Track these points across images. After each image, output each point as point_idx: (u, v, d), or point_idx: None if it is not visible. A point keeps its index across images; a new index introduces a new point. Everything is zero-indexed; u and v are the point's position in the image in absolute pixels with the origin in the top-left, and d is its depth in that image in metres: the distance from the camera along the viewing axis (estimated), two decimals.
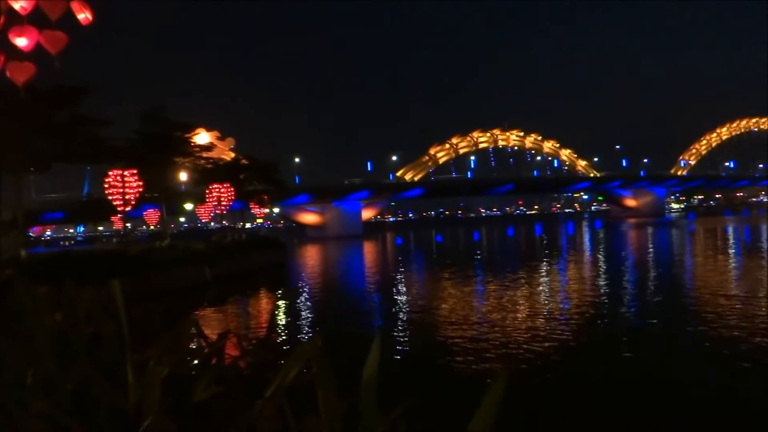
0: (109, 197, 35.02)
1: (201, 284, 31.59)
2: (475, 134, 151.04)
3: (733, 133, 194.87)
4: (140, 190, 35.72)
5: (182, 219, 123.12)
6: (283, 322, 20.26)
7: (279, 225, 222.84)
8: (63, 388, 1.97)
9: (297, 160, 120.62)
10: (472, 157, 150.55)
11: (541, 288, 25.90)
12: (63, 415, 1.76)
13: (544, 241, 66.80)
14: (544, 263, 38.00)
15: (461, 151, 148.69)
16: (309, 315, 22.11)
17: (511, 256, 47.21)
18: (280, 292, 29.72)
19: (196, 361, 2.60)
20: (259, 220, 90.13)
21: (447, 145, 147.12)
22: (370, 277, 36.59)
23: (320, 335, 3.05)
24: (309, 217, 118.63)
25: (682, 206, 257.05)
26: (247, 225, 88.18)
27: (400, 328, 18.17)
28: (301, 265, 49.56)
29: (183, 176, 56.49)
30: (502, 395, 1.30)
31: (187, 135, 47.48)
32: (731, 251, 41.86)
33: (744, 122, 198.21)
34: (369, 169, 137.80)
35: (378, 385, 1.79)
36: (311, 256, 60.98)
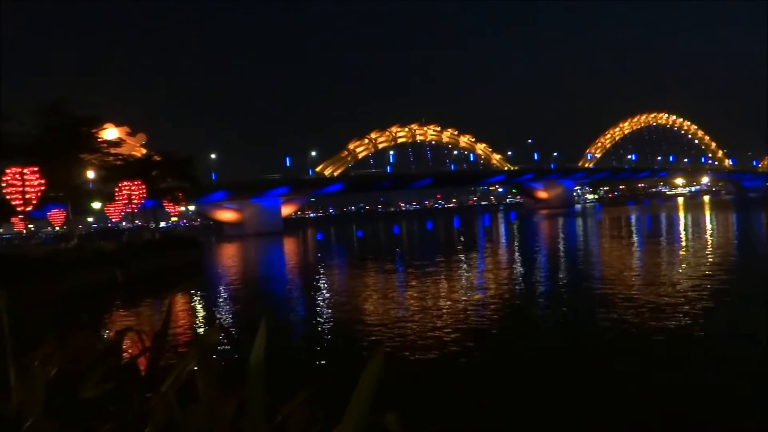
0: (8, 197, 32.84)
1: (112, 286, 30.29)
2: (394, 129, 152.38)
3: (635, 128, 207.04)
4: (42, 188, 33.66)
5: (90, 219, 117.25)
6: (192, 319, 19.95)
7: (195, 223, 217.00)
8: None
9: (213, 156, 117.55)
10: (391, 152, 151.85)
11: (458, 278, 26.54)
12: None
13: (463, 234, 68.45)
14: (463, 255, 38.99)
15: (380, 146, 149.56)
16: (223, 312, 21.75)
17: (431, 250, 48.04)
18: (193, 291, 28.93)
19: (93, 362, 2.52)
20: (174, 219, 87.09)
21: (366, 140, 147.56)
22: (287, 274, 36.33)
23: (217, 329, 3.04)
24: (227, 215, 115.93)
25: (596, 197, 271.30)
26: (162, 224, 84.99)
27: (314, 322, 18.22)
28: (218, 263, 48.47)
29: (90, 174, 53.80)
30: (380, 373, 1.36)
31: (93, 130, 45.16)
32: (633, 238, 45.14)
33: (644, 117, 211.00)
34: (288, 164, 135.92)
35: (283, 374, 1.80)
36: (229, 255, 59.70)
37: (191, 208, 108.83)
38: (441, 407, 9.71)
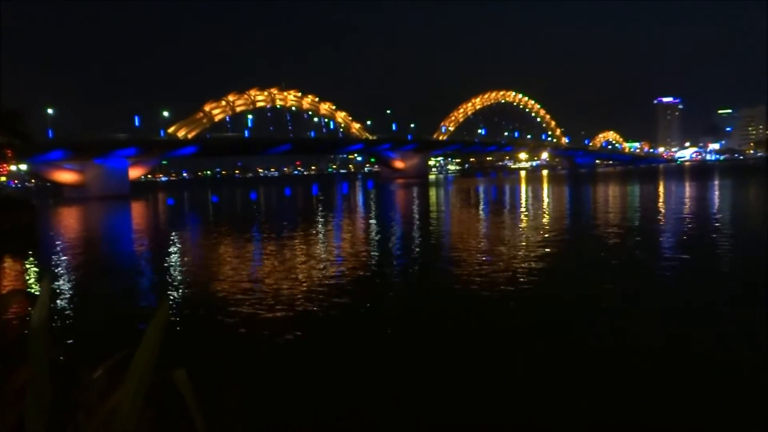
0: None
1: None
2: (253, 92, 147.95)
3: (485, 104, 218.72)
4: None
5: None
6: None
7: (30, 184, 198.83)
8: None
9: (50, 111, 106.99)
10: (250, 116, 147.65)
11: (313, 243, 26.69)
12: None
13: (320, 201, 68.68)
14: (320, 221, 39.25)
15: (238, 109, 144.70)
16: (41, 278, 20.23)
17: (287, 216, 47.72)
18: (24, 257, 26.46)
19: None
20: (2, 179, 78.52)
21: (223, 102, 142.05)
22: (129, 240, 34.36)
23: (15, 294, 2.84)
24: (66, 176, 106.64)
25: (457, 168, 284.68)
26: None
27: (143, 289, 17.54)
28: (54, 227, 44.64)
29: None
30: (165, 324, 1.36)
31: None
32: (479, 206, 48.64)
33: (494, 94, 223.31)
34: (137, 124, 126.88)
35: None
36: (67, 219, 55.12)
37: (23, 167, 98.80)
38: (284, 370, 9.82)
